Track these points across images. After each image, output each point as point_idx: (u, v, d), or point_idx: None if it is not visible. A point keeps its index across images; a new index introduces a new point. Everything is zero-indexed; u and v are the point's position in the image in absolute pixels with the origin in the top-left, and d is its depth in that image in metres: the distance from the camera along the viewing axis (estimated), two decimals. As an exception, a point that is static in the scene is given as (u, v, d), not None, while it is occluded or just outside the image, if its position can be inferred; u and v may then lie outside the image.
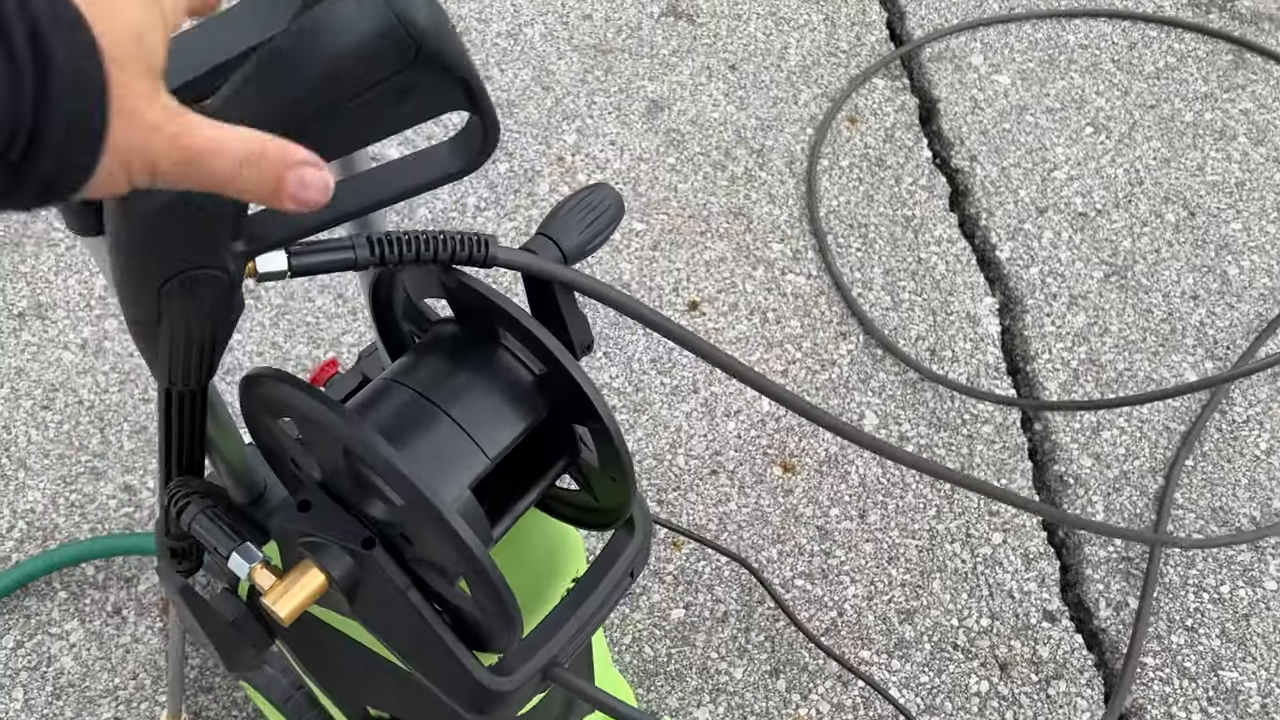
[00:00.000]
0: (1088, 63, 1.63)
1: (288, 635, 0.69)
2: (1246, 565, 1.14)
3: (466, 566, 0.48)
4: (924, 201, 1.44)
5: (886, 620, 1.08)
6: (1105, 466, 1.20)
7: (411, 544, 0.52)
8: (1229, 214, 1.45)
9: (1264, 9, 1.74)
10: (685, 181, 1.43)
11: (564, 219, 0.58)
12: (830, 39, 1.62)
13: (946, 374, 1.27)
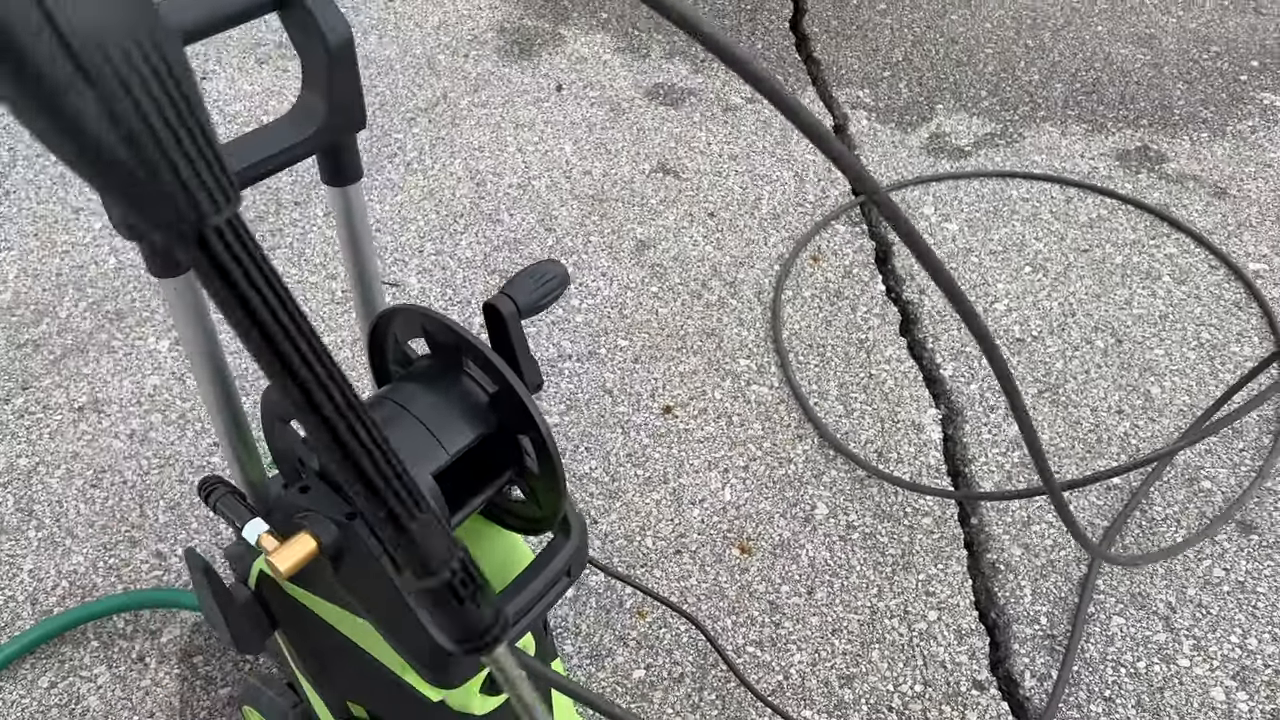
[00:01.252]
0: (1028, 213, 1.85)
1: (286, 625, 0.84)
2: (1162, 644, 1.24)
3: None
4: (877, 327, 1.63)
5: (828, 684, 1.19)
6: (1034, 555, 1.33)
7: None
8: (1153, 342, 1.62)
9: (1189, 170, 1.97)
10: (665, 306, 1.63)
11: (521, 282, 0.77)
12: (799, 191, 1.86)
13: (892, 472, 1.42)
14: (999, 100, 2.13)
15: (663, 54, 2.20)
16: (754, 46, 2.24)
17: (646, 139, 1.95)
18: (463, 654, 0.39)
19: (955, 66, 2.22)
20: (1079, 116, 2.09)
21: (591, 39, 2.23)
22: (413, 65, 2.11)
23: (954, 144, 2.00)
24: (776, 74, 2.17)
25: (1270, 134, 2.08)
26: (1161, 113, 2.11)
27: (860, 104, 2.09)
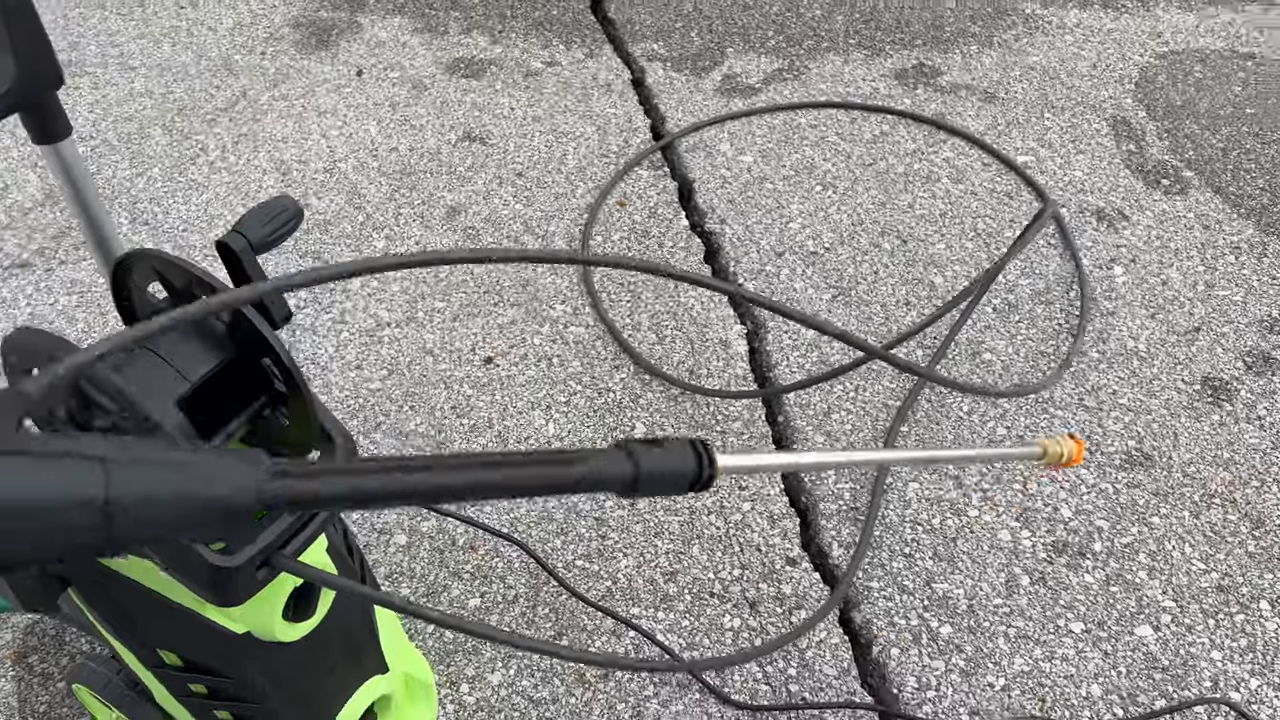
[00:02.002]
0: (816, 138, 1.97)
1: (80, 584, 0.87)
2: (953, 500, 1.36)
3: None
4: (683, 259, 1.72)
5: (653, 582, 1.27)
6: (835, 440, 1.44)
7: (137, 439, 0.72)
8: (935, 238, 1.76)
9: (961, 80, 2.12)
10: (479, 265, 1.69)
11: (251, 219, 0.81)
12: (602, 144, 1.94)
13: (703, 386, 1.51)
14: (785, 38, 2.24)
15: (460, 30, 2.24)
16: (549, 14, 2.31)
17: (450, 111, 2.00)
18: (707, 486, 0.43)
19: (742, 11, 2.33)
20: (859, 44, 2.23)
21: (389, 23, 2.26)
22: (209, 68, 2.10)
23: (745, 83, 2.11)
24: (574, 37, 2.24)
25: (1032, 39, 2.26)
26: (934, 31, 2.26)
27: (655, 55, 2.18)
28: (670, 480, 0.42)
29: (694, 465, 0.43)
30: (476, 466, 0.37)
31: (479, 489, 0.37)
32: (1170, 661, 1.21)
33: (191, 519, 0.33)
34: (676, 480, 0.42)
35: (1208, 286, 1.68)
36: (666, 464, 0.42)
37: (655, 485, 0.42)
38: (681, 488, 0.43)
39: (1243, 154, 1.96)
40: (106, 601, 0.90)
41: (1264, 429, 1.47)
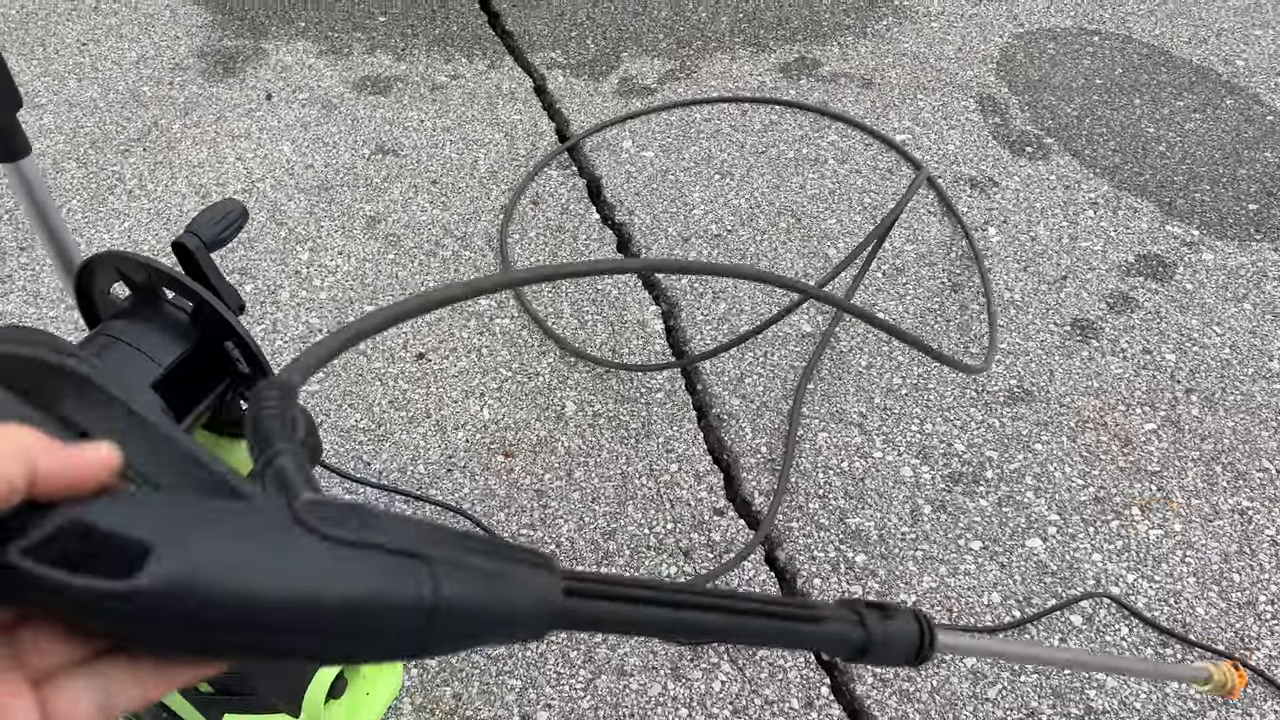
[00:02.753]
0: (711, 131, 2.10)
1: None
2: (859, 445, 1.50)
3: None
4: (597, 250, 1.83)
5: (594, 541, 1.38)
6: (749, 402, 1.56)
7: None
8: (826, 214, 1.90)
9: (840, 69, 2.28)
10: (404, 269, 1.77)
11: (203, 220, 0.90)
12: (511, 149, 2.04)
13: (625, 362, 1.62)
14: (675, 40, 2.38)
15: (364, 50, 2.32)
16: (449, 30, 2.40)
17: (361, 127, 2.08)
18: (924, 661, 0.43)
19: (633, 18, 2.46)
20: (744, 42, 2.37)
21: (293, 47, 2.32)
22: (118, 101, 2.14)
23: (641, 84, 2.23)
24: (475, 50, 2.34)
25: (902, 28, 2.44)
26: (812, 26, 2.43)
27: (555, 64, 2.29)
28: (897, 652, 0.42)
29: (917, 640, 0.42)
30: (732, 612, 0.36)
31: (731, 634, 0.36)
32: (1058, 566, 1.36)
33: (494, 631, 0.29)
34: (904, 652, 0.42)
35: (1071, 239, 1.87)
36: (896, 635, 0.41)
37: (882, 656, 0.41)
38: (903, 661, 0.42)
39: (1095, 120, 2.16)
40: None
41: (1126, 360, 1.64)
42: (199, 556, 0.26)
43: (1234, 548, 1.39)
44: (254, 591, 0.26)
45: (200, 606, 0.25)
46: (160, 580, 0.25)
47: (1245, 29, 2.47)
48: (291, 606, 0.26)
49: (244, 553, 0.26)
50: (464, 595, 0.28)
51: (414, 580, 0.28)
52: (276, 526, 0.27)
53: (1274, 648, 1.28)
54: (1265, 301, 1.75)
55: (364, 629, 0.27)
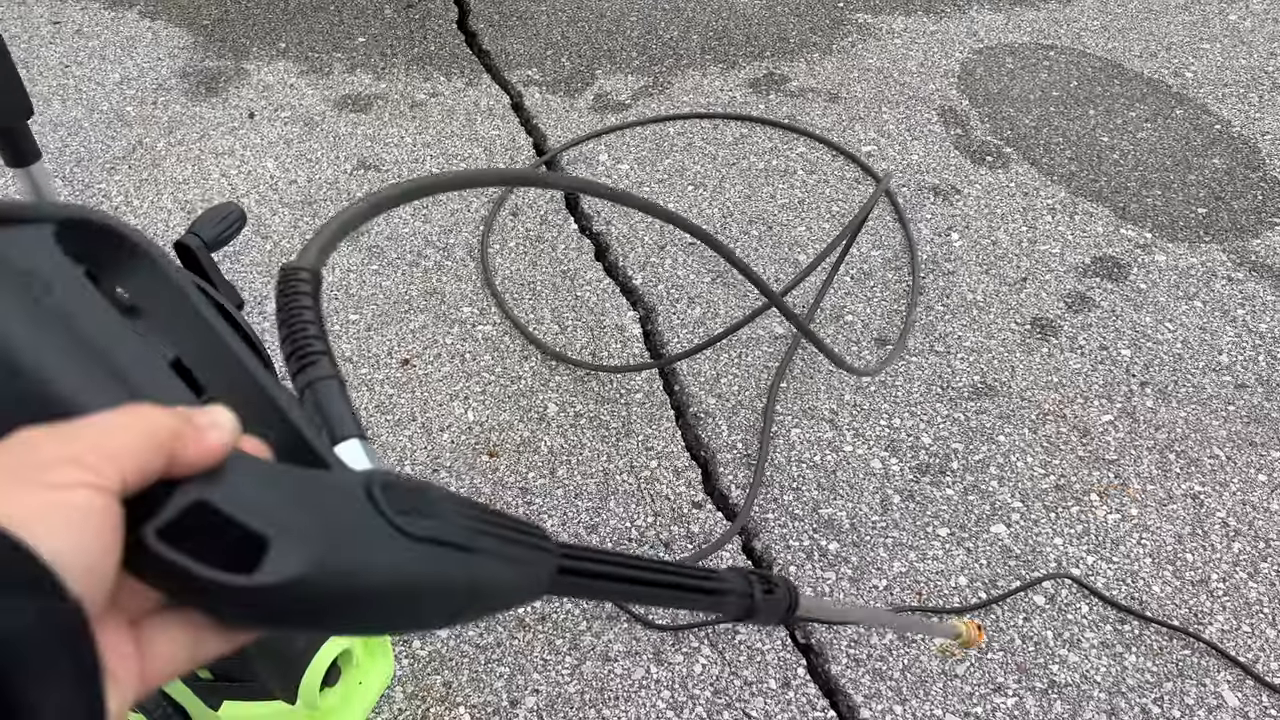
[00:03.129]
0: (684, 144, 2.17)
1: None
2: (830, 439, 1.56)
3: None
4: (576, 258, 1.89)
5: (578, 535, 1.43)
6: (725, 400, 1.62)
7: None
8: (796, 223, 1.97)
9: (808, 84, 2.36)
10: (388, 279, 1.82)
11: (204, 221, 0.95)
12: (490, 163, 2.10)
13: (604, 365, 1.67)
14: (648, 58, 2.45)
15: (344, 69, 2.37)
16: (428, 49, 2.46)
17: (343, 144, 2.13)
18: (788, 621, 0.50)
19: (607, 36, 2.53)
20: (715, 59, 2.45)
21: (275, 67, 2.37)
22: (102, 121, 2.18)
23: (615, 100, 2.30)
24: (453, 68, 2.40)
25: (867, 46, 2.52)
26: (780, 43, 2.51)
27: (531, 81, 2.36)
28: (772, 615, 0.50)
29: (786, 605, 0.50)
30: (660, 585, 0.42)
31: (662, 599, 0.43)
32: (1021, 550, 1.42)
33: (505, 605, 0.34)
34: (778, 614, 0.50)
35: (1030, 243, 1.95)
36: (773, 603, 0.49)
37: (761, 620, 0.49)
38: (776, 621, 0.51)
39: (1052, 130, 2.25)
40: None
41: (1084, 356, 1.72)
42: (313, 558, 0.28)
43: (1187, 530, 1.46)
44: (354, 586, 0.29)
45: (309, 602, 0.28)
46: (280, 579, 0.27)
47: (1193, 43, 2.58)
48: (379, 598, 0.29)
49: (350, 550, 0.29)
50: (491, 581, 0.32)
51: (460, 571, 0.31)
52: (368, 519, 0.30)
53: (1226, 622, 1.35)
54: (1214, 299, 1.84)
55: (420, 610, 0.31)
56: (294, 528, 0.28)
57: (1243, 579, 1.40)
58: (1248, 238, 1.97)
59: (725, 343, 1.71)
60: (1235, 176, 2.13)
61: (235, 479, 0.29)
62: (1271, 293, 1.85)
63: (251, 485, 0.29)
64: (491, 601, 0.33)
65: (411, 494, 0.31)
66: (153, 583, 0.28)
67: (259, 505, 0.28)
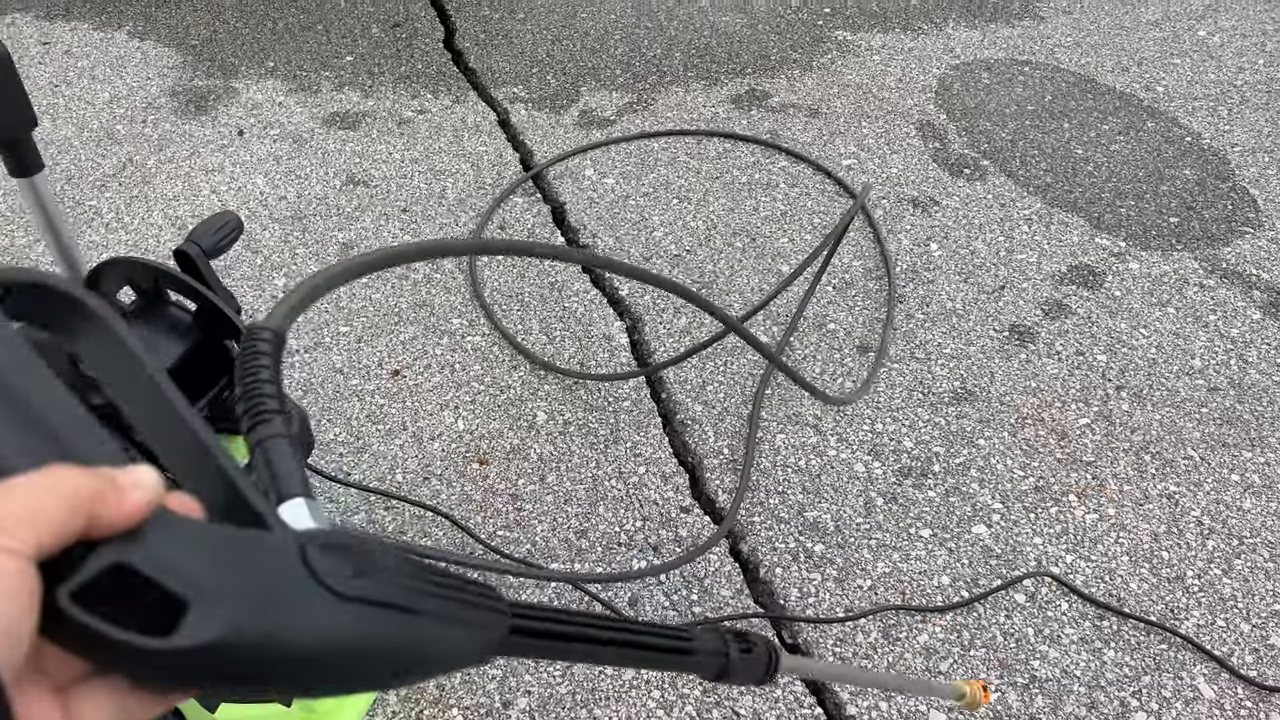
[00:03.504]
0: (669, 159, 2.21)
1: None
2: (814, 444, 1.59)
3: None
4: (563, 270, 1.92)
5: (567, 540, 1.45)
6: (711, 407, 1.65)
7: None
8: (779, 234, 2.01)
9: (789, 100, 2.40)
10: (378, 292, 1.85)
11: (202, 230, 0.97)
12: (477, 178, 2.13)
13: (592, 373, 1.70)
14: (631, 75, 2.50)
15: (333, 87, 2.41)
16: (415, 68, 2.50)
17: (332, 160, 2.16)
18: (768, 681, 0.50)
19: (591, 54, 2.57)
20: (697, 76, 2.50)
21: (264, 85, 2.40)
22: (92, 139, 2.20)
23: (600, 116, 2.34)
24: (440, 86, 2.44)
25: (846, 62, 2.58)
26: (761, 61, 2.56)
27: (517, 98, 2.40)
28: (750, 676, 0.49)
29: (764, 667, 0.50)
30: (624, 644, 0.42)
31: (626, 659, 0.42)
32: (1002, 550, 1.45)
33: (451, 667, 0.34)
34: (755, 675, 0.50)
35: (1008, 252, 1.99)
36: (750, 663, 0.49)
37: (738, 679, 0.49)
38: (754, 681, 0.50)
39: (1027, 143, 2.30)
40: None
41: (1061, 361, 1.76)
42: (231, 620, 0.27)
43: (1163, 528, 1.49)
44: (279, 650, 0.28)
45: (230, 666, 0.28)
46: (197, 642, 0.27)
47: (1164, 58, 2.65)
48: (309, 661, 0.29)
49: (271, 615, 0.28)
50: (440, 642, 0.32)
51: (401, 632, 0.31)
52: (296, 579, 0.29)
53: (1201, 618, 1.38)
54: (1187, 305, 1.88)
55: (359, 672, 0.30)
56: (215, 589, 0.28)
57: (1217, 575, 1.43)
58: (1218, 246, 2.02)
59: (711, 351, 1.74)
60: (1206, 187, 2.18)
61: (157, 539, 0.28)
62: (1242, 299, 1.90)
63: (174, 546, 0.28)
64: (440, 664, 0.33)
65: (352, 554, 0.31)
66: (69, 647, 0.27)
67: (180, 566, 0.28)
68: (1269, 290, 1.91)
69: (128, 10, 2.72)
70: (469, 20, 2.71)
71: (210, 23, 2.66)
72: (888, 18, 2.78)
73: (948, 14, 2.81)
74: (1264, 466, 1.58)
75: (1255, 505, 1.52)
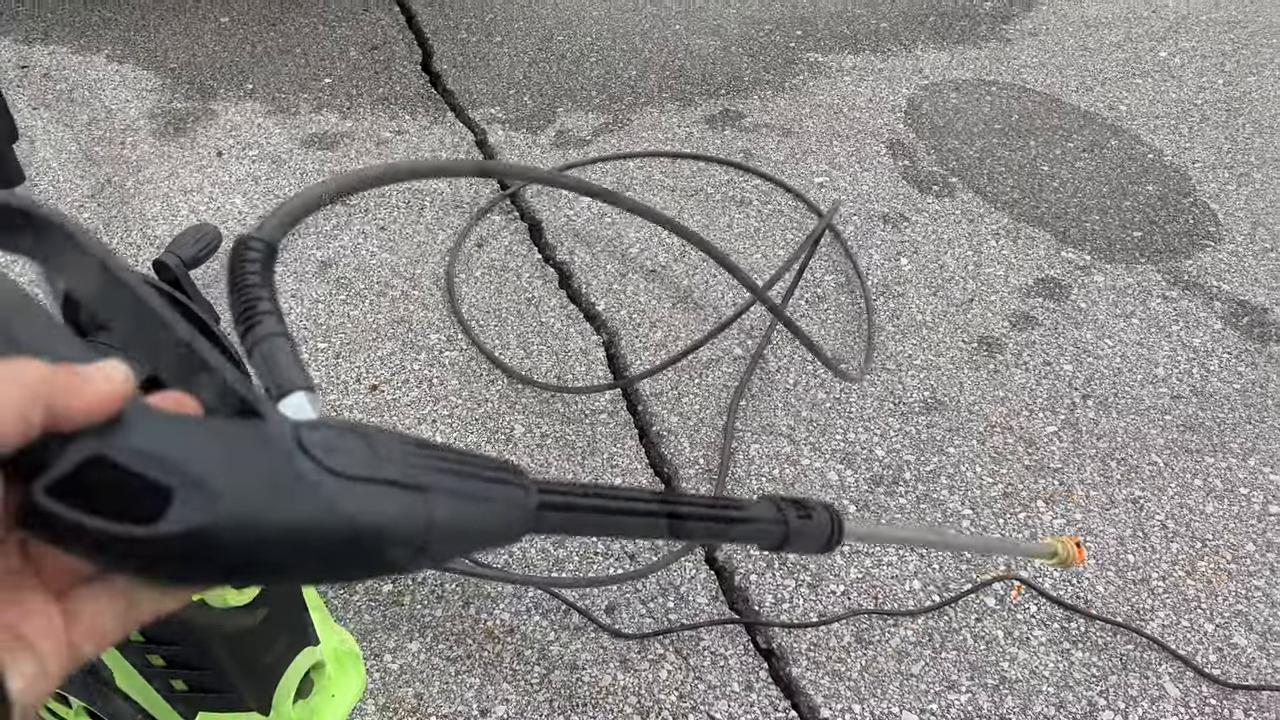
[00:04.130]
0: (644, 177, 2.24)
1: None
2: (789, 454, 1.62)
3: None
4: (540, 286, 1.94)
5: (545, 550, 1.46)
6: (686, 419, 1.67)
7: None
8: (752, 250, 2.05)
9: (761, 120, 2.45)
10: (356, 309, 1.86)
11: (181, 241, 0.99)
12: (455, 196, 2.16)
13: (569, 386, 1.72)
14: (607, 96, 2.54)
15: (311, 109, 2.43)
16: (393, 90, 2.53)
17: (310, 180, 2.18)
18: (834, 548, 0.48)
19: (567, 76, 2.61)
20: (672, 97, 2.54)
21: (242, 108, 2.42)
22: (70, 161, 2.21)
23: (577, 136, 2.38)
24: (418, 108, 2.47)
25: (817, 83, 2.63)
26: (734, 82, 2.61)
27: (494, 119, 2.43)
28: (812, 542, 0.47)
29: (828, 531, 0.48)
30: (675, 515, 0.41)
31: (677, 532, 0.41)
32: (972, 554, 1.48)
33: (478, 545, 0.33)
34: (818, 542, 0.48)
35: (976, 266, 2.03)
36: (812, 529, 0.47)
37: (799, 546, 0.47)
38: (817, 549, 0.48)
39: (994, 161, 2.36)
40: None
41: (1028, 371, 1.80)
42: (218, 506, 0.27)
43: (1128, 532, 1.52)
44: (270, 536, 0.27)
45: (220, 552, 0.27)
46: (181, 528, 0.26)
47: (1126, 78, 2.71)
48: (304, 546, 0.28)
49: (260, 500, 0.27)
50: (454, 520, 0.31)
51: (412, 512, 0.30)
52: (289, 462, 0.28)
53: (1166, 619, 1.41)
54: (1150, 316, 1.93)
55: (365, 557, 0.29)
56: (201, 476, 0.27)
57: (1181, 577, 1.46)
58: (1180, 258, 2.07)
59: (686, 364, 1.77)
60: (1168, 202, 2.24)
61: (139, 432, 0.28)
62: (1203, 309, 1.94)
63: (158, 437, 0.28)
64: (465, 541, 0.32)
65: (355, 437, 0.30)
66: (52, 542, 0.26)
67: (164, 457, 0.27)
68: (1229, 301, 1.96)
69: (106, 34, 2.74)
70: (447, 43, 2.75)
71: (189, 46, 2.69)
72: (858, 40, 2.84)
73: (916, 36, 2.88)
74: (1225, 471, 1.62)
75: (1217, 509, 1.56)
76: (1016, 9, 3.03)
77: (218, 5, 2.90)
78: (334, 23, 2.83)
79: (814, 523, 0.47)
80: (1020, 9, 3.03)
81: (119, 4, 2.89)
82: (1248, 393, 1.76)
